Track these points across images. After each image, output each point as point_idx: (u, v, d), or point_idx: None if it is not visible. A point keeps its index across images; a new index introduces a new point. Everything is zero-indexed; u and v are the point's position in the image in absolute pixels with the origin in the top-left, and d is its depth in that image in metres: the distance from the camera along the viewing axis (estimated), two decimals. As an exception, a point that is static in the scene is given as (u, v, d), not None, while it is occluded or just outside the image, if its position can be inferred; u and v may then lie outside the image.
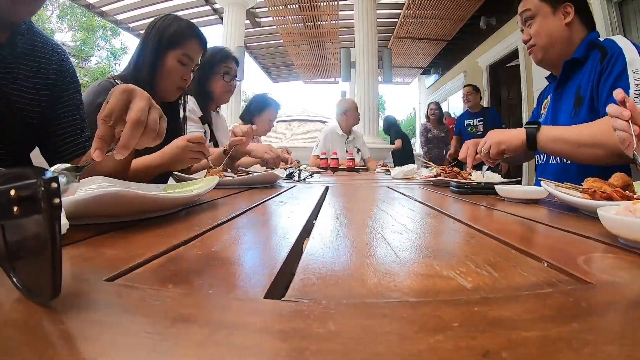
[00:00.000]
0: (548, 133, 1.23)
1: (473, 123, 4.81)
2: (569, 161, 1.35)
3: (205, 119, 2.14)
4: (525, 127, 1.28)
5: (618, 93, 0.76)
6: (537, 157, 1.59)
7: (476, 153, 1.49)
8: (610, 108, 0.79)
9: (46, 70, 1.03)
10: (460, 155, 1.54)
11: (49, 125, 1.05)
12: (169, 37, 1.42)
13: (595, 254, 0.42)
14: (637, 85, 1.17)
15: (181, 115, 1.65)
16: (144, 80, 1.35)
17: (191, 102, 1.96)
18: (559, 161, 1.43)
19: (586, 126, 1.19)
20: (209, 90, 2.14)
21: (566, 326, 0.23)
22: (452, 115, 7.52)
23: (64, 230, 0.44)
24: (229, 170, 1.55)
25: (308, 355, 0.20)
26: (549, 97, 1.62)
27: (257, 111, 3.01)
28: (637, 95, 1.16)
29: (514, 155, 1.38)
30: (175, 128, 1.54)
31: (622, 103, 0.75)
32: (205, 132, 2.11)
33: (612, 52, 1.26)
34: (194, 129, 2.00)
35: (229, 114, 6.63)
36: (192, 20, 1.52)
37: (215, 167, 1.38)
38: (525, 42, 1.51)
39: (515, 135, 1.28)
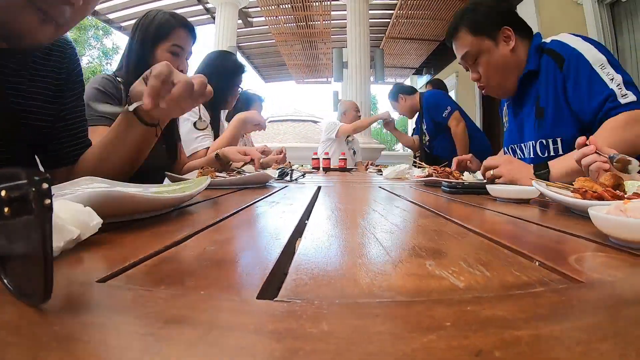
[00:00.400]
0: (558, 171, 1.12)
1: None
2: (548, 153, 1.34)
3: (215, 124, 2.17)
4: (535, 175, 1.14)
5: (577, 144, 0.84)
6: (521, 156, 1.54)
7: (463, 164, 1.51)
8: (577, 154, 0.84)
9: (59, 70, 0.99)
10: (453, 167, 1.54)
11: (54, 128, 1.01)
12: (154, 32, 1.42)
13: (586, 253, 0.43)
14: (612, 78, 1.15)
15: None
16: (132, 78, 1.33)
17: (202, 108, 1.95)
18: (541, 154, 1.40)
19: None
20: (226, 100, 2.21)
21: (558, 325, 0.23)
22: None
23: (96, 228, 0.44)
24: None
25: (301, 356, 0.20)
26: (505, 107, 1.60)
27: (244, 108, 3.04)
28: (619, 87, 1.14)
29: None
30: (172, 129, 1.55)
31: (582, 145, 0.82)
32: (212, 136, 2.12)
33: (569, 56, 1.23)
34: (205, 133, 2.00)
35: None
36: (176, 14, 1.51)
37: (207, 167, 1.38)
38: (475, 80, 1.46)
39: (527, 180, 1.09)
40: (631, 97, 1.12)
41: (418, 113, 3.67)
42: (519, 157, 1.50)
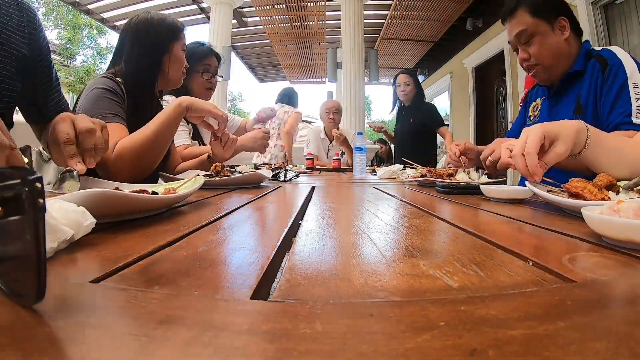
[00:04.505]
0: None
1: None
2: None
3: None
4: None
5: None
6: None
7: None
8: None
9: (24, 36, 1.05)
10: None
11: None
12: (169, 34, 1.46)
13: (579, 253, 0.43)
14: (638, 99, 1.18)
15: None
16: (146, 78, 1.42)
17: (171, 100, 1.93)
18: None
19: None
20: (187, 89, 2.10)
21: (552, 324, 0.23)
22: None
23: (89, 228, 0.43)
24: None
25: (295, 356, 0.20)
26: (538, 101, 1.62)
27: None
28: (639, 110, 1.17)
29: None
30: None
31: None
32: (190, 132, 2.09)
33: (612, 63, 1.27)
34: (181, 129, 1.98)
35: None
36: (178, 19, 1.54)
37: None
38: (524, 60, 1.47)
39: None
40: None
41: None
42: None
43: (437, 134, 3.84)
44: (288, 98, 4.35)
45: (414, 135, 3.73)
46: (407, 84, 3.75)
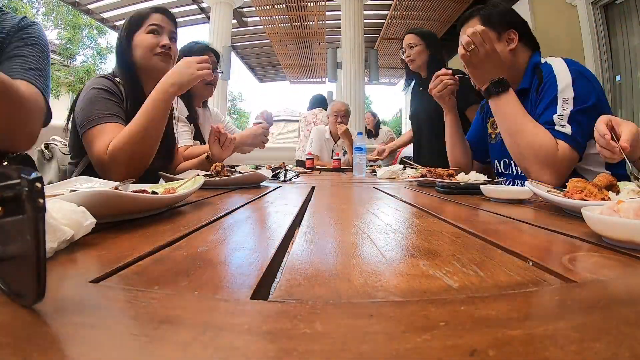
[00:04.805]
0: (511, 98, 1.31)
1: None
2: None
3: (192, 118, 2.12)
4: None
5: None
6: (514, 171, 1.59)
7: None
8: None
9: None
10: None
11: None
12: (131, 24, 1.45)
13: (579, 253, 0.43)
14: (562, 114, 1.23)
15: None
16: (129, 75, 1.40)
17: (178, 101, 1.94)
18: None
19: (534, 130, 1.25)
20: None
21: (552, 324, 0.23)
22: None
23: (89, 228, 0.43)
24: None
25: (295, 356, 0.20)
26: (492, 121, 1.64)
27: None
28: (560, 118, 1.23)
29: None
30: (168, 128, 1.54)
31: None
32: (192, 132, 2.09)
33: (547, 79, 1.31)
34: (183, 129, 1.98)
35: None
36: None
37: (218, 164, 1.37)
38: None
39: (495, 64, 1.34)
40: (567, 129, 1.22)
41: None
42: (511, 172, 1.55)
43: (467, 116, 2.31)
44: (322, 102, 4.88)
45: (432, 118, 2.53)
46: (411, 46, 2.65)
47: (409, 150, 4.38)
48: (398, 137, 4.57)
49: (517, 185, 1.44)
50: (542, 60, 1.42)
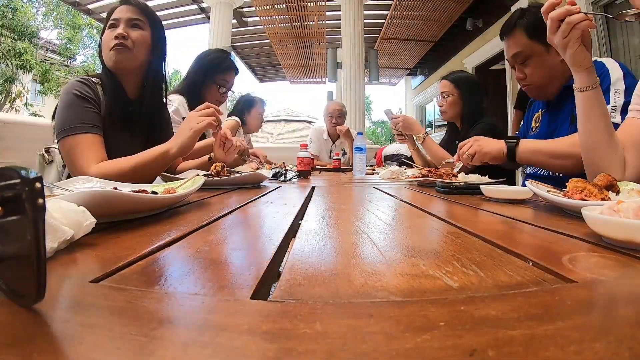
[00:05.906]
0: (526, 146, 1.35)
1: None
2: (560, 174, 1.41)
3: None
4: (505, 142, 1.39)
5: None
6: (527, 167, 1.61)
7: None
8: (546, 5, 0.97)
9: None
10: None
11: None
12: (104, 25, 1.41)
13: (579, 253, 0.43)
14: (615, 104, 1.23)
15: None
16: (106, 78, 1.36)
17: (176, 102, 1.91)
18: (551, 173, 1.47)
19: (560, 140, 1.31)
20: (200, 96, 2.06)
21: (552, 324, 0.23)
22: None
23: (89, 228, 0.43)
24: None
25: (295, 356, 0.20)
26: (540, 112, 1.64)
27: (246, 109, 3.19)
28: (613, 110, 1.22)
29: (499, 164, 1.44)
30: (166, 130, 1.53)
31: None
32: None
33: (600, 73, 1.28)
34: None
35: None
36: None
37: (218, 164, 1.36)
38: (519, 79, 1.51)
39: (498, 149, 1.39)
40: (617, 120, 1.21)
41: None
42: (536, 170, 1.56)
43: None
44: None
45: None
46: (444, 96, 2.38)
47: (392, 149, 4.37)
48: (392, 138, 4.48)
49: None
50: (593, 59, 1.40)
